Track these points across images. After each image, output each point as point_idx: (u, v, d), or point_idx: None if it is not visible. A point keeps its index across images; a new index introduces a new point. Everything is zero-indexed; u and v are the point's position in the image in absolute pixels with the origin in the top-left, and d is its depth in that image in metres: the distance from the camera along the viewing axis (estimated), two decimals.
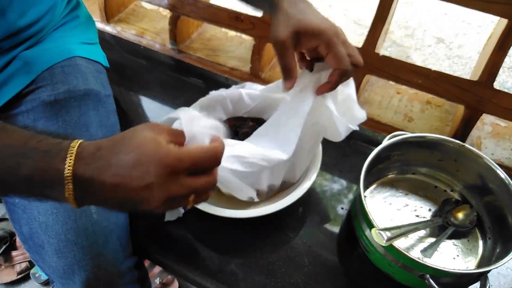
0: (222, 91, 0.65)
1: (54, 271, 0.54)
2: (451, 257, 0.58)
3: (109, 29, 1.00)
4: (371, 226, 0.51)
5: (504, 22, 0.65)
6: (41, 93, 0.61)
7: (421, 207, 0.63)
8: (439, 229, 0.60)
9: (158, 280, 1.00)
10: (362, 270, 0.58)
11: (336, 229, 0.63)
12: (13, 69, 0.61)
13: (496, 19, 0.71)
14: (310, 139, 0.57)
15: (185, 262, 0.59)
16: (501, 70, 0.70)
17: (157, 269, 1.02)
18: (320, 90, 0.52)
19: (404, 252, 0.49)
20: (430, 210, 0.63)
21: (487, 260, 0.57)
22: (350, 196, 0.67)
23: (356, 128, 0.55)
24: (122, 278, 0.55)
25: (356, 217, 0.57)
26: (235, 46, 0.97)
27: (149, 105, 0.82)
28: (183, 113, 0.44)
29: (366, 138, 0.77)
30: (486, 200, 0.61)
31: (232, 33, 0.99)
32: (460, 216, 0.60)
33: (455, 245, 0.59)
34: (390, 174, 0.67)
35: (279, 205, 0.56)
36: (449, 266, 0.56)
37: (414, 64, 0.74)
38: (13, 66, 0.61)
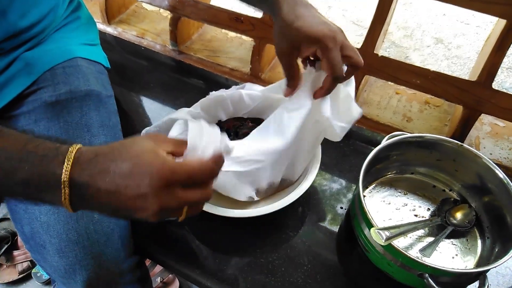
0: (222, 92, 0.65)
1: (56, 271, 0.54)
2: (450, 256, 0.58)
3: (110, 30, 1.00)
4: (370, 226, 0.52)
5: (502, 22, 0.65)
6: (42, 94, 0.61)
7: (419, 207, 0.63)
8: (438, 228, 0.60)
9: (159, 279, 1.00)
10: (361, 269, 0.58)
11: (335, 228, 0.63)
12: (14, 70, 0.61)
13: (494, 20, 0.71)
14: (310, 138, 0.57)
15: (185, 261, 0.59)
16: (499, 70, 0.70)
17: (158, 268, 1.02)
18: (315, 95, 0.53)
19: (403, 251, 0.49)
20: (428, 209, 0.63)
21: (486, 259, 0.57)
22: (349, 195, 0.67)
23: (349, 125, 0.56)
24: (123, 277, 0.55)
25: (355, 216, 0.57)
26: (235, 47, 0.97)
27: (150, 105, 0.82)
28: (193, 122, 0.43)
29: (365, 138, 0.77)
30: (485, 199, 0.61)
31: (232, 34, 1.00)
32: (458, 215, 0.60)
33: (454, 244, 0.59)
34: (389, 173, 0.67)
35: (279, 204, 0.56)
36: (448, 266, 0.56)
37: (413, 64, 0.74)
38: (14, 67, 0.61)
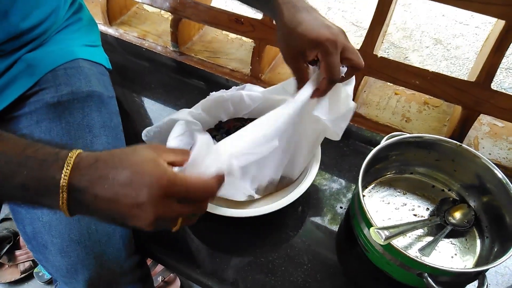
0: (222, 92, 0.66)
1: (58, 271, 0.54)
2: (449, 255, 0.58)
3: (111, 31, 1.01)
4: (370, 225, 0.52)
5: (501, 23, 0.65)
6: (44, 94, 0.61)
7: (419, 206, 0.64)
8: (437, 228, 0.60)
9: (160, 278, 1.00)
10: (360, 268, 0.58)
11: (335, 228, 0.63)
12: (16, 71, 0.61)
13: (493, 21, 0.71)
14: (310, 137, 0.58)
15: (186, 261, 0.59)
16: (498, 71, 0.70)
17: (159, 267, 1.02)
18: (312, 95, 0.54)
19: (402, 250, 0.49)
20: (428, 209, 0.63)
21: (485, 259, 0.57)
22: (349, 195, 0.67)
23: (347, 123, 0.56)
24: (125, 277, 0.55)
25: (354, 216, 0.57)
26: (236, 48, 0.97)
27: (151, 106, 0.83)
28: (202, 137, 0.42)
29: (365, 139, 0.77)
30: (484, 199, 0.61)
31: (232, 35, 1.00)
32: (457, 215, 0.61)
33: (453, 244, 0.59)
34: (388, 173, 0.67)
35: (279, 204, 0.57)
36: (447, 265, 0.56)
37: (412, 65, 0.74)
38: (16, 68, 0.61)
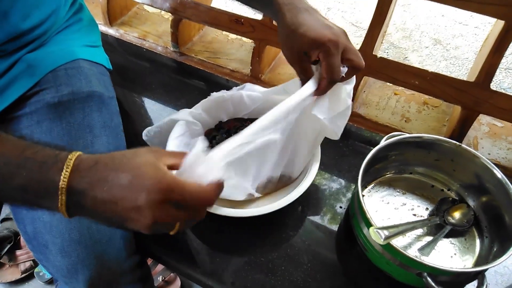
0: (223, 93, 0.66)
1: (58, 270, 0.54)
2: (449, 255, 0.58)
3: (112, 32, 1.01)
4: (369, 225, 0.52)
5: (500, 23, 0.65)
6: (45, 95, 0.62)
7: (418, 206, 0.64)
8: (436, 228, 0.60)
9: (160, 277, 1.00)
10: (360, 268, 0.58)
11: (334, 227, 0.63)
12: (16, 71, 0.61)
13: (493, 21, 0.71)
14: (309, 135, 0.58)
15: (186, 261, 0.60)
16: (497, 71, 0.70)
17: (159, 267, 1.02)
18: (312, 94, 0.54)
19: (401, 250, 0.49)
20: (427, 209, 0.63)
21: (484, 258, 0.57)
22: (348, 195, 0.67)
23: (345, 122, 0.56)
24: (125, 276, 0.55)
25: (354, 216, 0.57)
26: (236, 48, 0.97)
27: (151, 106, 0.83)
28: (198, 144, 0.41)
29: (364, 139, 0.77)
30: (483, 199, 0.61)
31: (232, 36, 1.00)
32: (457, 215, 0.61)
33: (452, 243, 0.60)
34: (388, 173, 0.67)
35: (279, 204, 0.57)
36: (446, 265, 0.56)
37: (411, 65, 0.74)
38: (16, 68, 0.61)
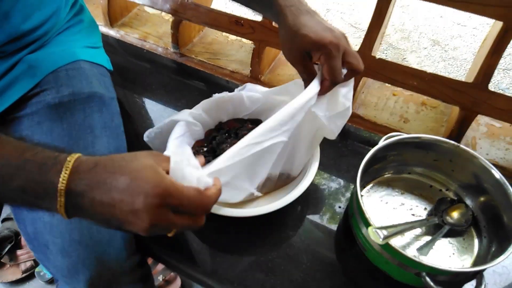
0: (225, 94, 0.66)
1: (59, 270, 0.54)
2: (447, 255, 0.59)
3: (112, 33, 1.01)
4: (368, 225, 0.52)
5: (499, 24, 0.65)
6: (46, 96, 0.62)
7: (416, 206, 0.64)
8: (435, 227, 0.60)
9: (161, 277, 1.00)
10: (359, 267, 0.59)
11: (333, 227, 0.64)
12: (17, 72, 0.61)
13: (491, 22, 0.71)
14: (308, 133, 0.58)
15: (186, 260, 0.60)
16: (495, 72, 0.71)
17: (160, 266, 1.02)
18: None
19: (400, 250, 0.50)
20: (425, 209, 0.64)
21: (483, 258, 0.57)
22: (347, 195, 0.68)
23: (344, 121, 0.57)
24: (126, 276, 0.56)
25: (353, 215, 0.58)
26: (236, 49, 0.98)
27: (152, 107, 0.83)
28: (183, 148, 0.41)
29: (363, 139, 0.78)
30: (481, 199, 0.61)
31: (232, 37, 1.00)
32: (455, 215, 0.61)
33: (451, 243, 0.60)
34: (386, 173, 0.68)
35: (279, 204, 0.57)
36: (445, 264, 0.57)
37: (410, 66, 0.74)
38: (17, 69, 0.61)
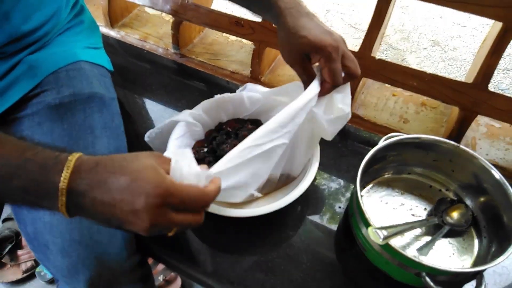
0: (225, 95, 0.67)
1: (59, 270, 0.55)
2: (447, 255, 0.59)
3: (113, 33, 1.01)
4: (368, 225, 0.52)
5: (498, 25, 0.65)
6: (46, 96, 0.62)
7: (416, 206, 0.64)
8: (435, 228, 0.60)
9: (161, 277, 1.00)
10: (359, 267, 0.59)
11: (333, 227, 0.64)
12: (18, 73, 0.62)
13: (491, 22, 0.71)
14: (307, 133, 0.58)
15: (187, 260, 0.60)
16: (495, 72, 0.71)
17: (160, 266, 1.02)
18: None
19: (400, 250, 0.50)
20: (425, 209, 0.64)
21: (483, 258, 0.57)
22: (347, 195, 0.68)
23: (341, 125, 0.57)
24: (126, 276, 0.56)
25: (353, 215, 0.58)
26: (236, 50, 0.98)
27: (152, 107, 0.83)
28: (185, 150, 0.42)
29: (363, 139, 0.78)
30: (481, 199, 0.61)
31: (232, 37, 1.01)
32: (455, 215, 0.61)
33: (451, 243, 0.60)
34: (386, 174, 0.68)
35: (279, 204, 0.57)
36: (445, 264, 0.57)
37: (409, 67, 0.75)
38: (18, 70, 0.62)
